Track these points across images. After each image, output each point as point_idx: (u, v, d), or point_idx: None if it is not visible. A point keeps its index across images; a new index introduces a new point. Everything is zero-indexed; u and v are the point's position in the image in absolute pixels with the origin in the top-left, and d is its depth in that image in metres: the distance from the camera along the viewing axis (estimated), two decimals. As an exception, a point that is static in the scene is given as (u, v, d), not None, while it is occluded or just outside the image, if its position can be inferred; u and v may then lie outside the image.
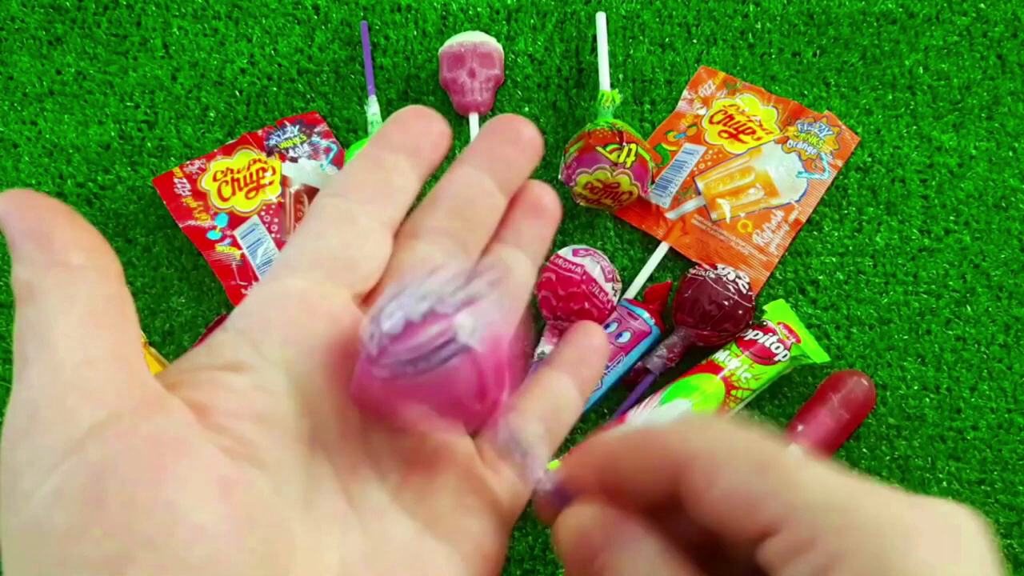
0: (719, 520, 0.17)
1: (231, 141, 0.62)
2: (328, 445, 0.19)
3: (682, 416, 0.18)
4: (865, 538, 0.15)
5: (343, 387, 0.19)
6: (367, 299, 0.21)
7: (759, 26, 0.65)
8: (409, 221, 0.23)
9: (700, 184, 0.60)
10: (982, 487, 0.54)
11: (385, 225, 0.21)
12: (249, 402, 0.18)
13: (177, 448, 0.16)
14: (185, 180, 0.60)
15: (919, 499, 0.16)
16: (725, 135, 0.61)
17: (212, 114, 0.63)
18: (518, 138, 0.23)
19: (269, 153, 0.61)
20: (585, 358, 0.24)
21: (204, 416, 0.17)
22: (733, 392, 0.52)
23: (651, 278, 0.59)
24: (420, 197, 0.23)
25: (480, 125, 0.62)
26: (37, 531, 0.15)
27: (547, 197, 0.24)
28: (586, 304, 0.54)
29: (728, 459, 0.17)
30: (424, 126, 0.22)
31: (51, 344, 0.16)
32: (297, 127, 0.62)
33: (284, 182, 0.60)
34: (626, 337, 0.55)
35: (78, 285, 0.17)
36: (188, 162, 0.61)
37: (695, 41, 0.65)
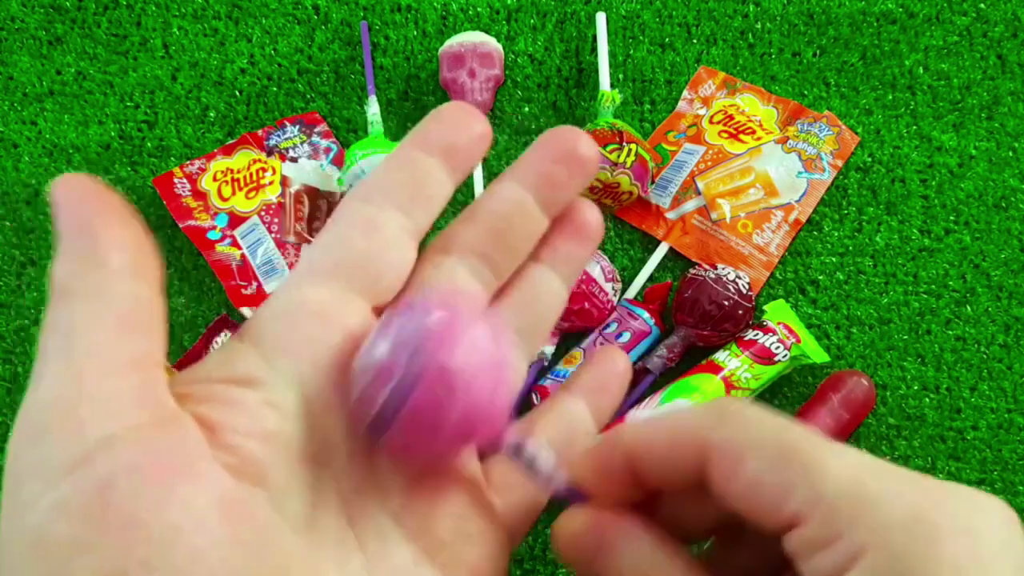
0: (744, 510, 0.17)
1: (231, 141, 0.62)
2: (334, 464, 0.19)
3: (708, 402, 0.18)
4: (889, 534, 0.15)
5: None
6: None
7: (759, 26, 0.65)
8: (443, 235, 0.22)
9: (700, 184, 0.60)
10: (982, 487, 0.54)
11: (411, 234, 0.21)
12: (259, 420, 0.18)
13: (184, 469, 0.16)
14: (185, 180, 0.60)
15: (949, 490, 0.16)
16: (725, 135, 0.61)
17: (212, 114, 0.63)
18: (571, 154, 0.21)
19: (269, 153, 0.61)
20: (605, 386, 0.24)
21: (214, 434, 0.17)
22: (733, 392, 0.52)
23: (651, 278, 0.59)
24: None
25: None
26: (36, 541, 0.15)
27: (593, 218, 0.23)
28: (586, 304, 0.54)
29: (751, 448, 0.17)
30: (464, 125, 0.21)
31: (73, 349, 0.16)
32: (297, 127, 0.62)
33: (284, 182, 0.60)
34: (626, 337, 0.55)
35: (113, 289, 0.17)
36: (188, 162, 0.61)
37: (695, 41, 0.65)
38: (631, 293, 0.58)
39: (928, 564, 0.14)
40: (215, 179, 0.60)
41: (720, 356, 0.54)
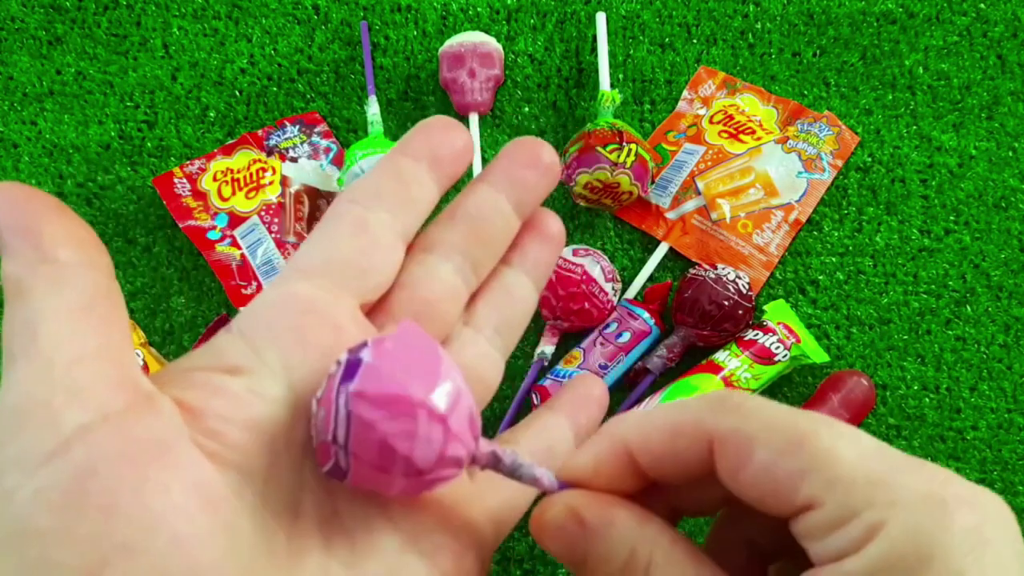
0: (754, 498, 0.17)
1: (231, 141, 0.62)
2: None
3: (708, 394, 0.18)
4: (905, 509, 0.15)
5: None
6: (375, 308, 0.21)
7: (759, 26, 0.65)
8: (424, 234, 0.23)
9: (700, 184, 0.60)
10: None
11: (399, 235, 0.21)
12: (243, 407, 0.18)
13: (162, 453, 0.16)
14: (185, 180, 0.60)
15: (952, 474, 0.16)
16: (725, 135, 0.61)
17: (212, 114, 0.63)
18: (537, 162, 0.23)
19: (269, 153, 0.61)
20: (584, 406, 0.25)
21: (195, 419, 0.17)
22: (733, 392, 0.52)
23: (651, 278, 0.59)
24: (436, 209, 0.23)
25: (480, 125, 0.62)
26: (17, 532, 0.15)
27: (555, 226, 0.25)
28: (586, 304, 0.54)
29: (761, 437, 0.17)
30: (449, 137, 0.22)
31: (39, 342, 0.16)
32: (297, 127, 0.62)
33: (284, 182, 0.60)
34: (626, 337, 0.55)
35: (67, 281, 0.17)
36: (188, 162, 0.61)
37: (695, 41, 0.65)
38: (631, 293, 0.58)
39: (943, 534, 0.15)
40: (215, 179, 0.60)
41: (720, 356, 0.54)
